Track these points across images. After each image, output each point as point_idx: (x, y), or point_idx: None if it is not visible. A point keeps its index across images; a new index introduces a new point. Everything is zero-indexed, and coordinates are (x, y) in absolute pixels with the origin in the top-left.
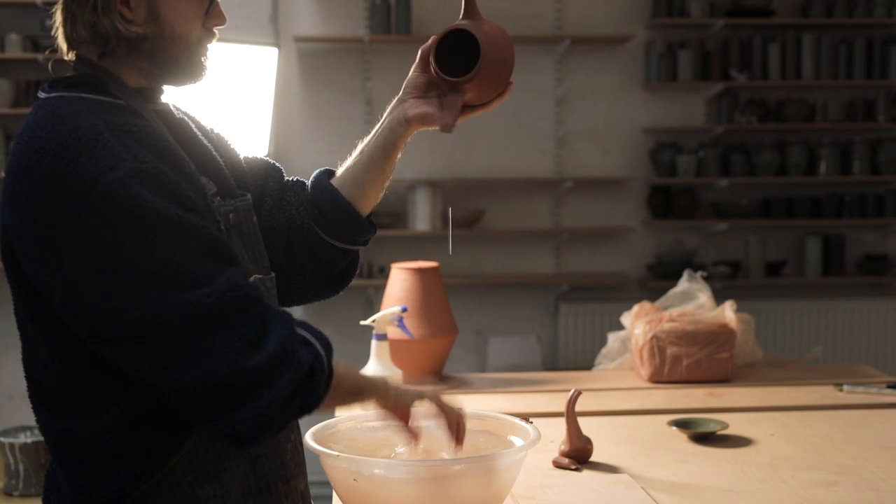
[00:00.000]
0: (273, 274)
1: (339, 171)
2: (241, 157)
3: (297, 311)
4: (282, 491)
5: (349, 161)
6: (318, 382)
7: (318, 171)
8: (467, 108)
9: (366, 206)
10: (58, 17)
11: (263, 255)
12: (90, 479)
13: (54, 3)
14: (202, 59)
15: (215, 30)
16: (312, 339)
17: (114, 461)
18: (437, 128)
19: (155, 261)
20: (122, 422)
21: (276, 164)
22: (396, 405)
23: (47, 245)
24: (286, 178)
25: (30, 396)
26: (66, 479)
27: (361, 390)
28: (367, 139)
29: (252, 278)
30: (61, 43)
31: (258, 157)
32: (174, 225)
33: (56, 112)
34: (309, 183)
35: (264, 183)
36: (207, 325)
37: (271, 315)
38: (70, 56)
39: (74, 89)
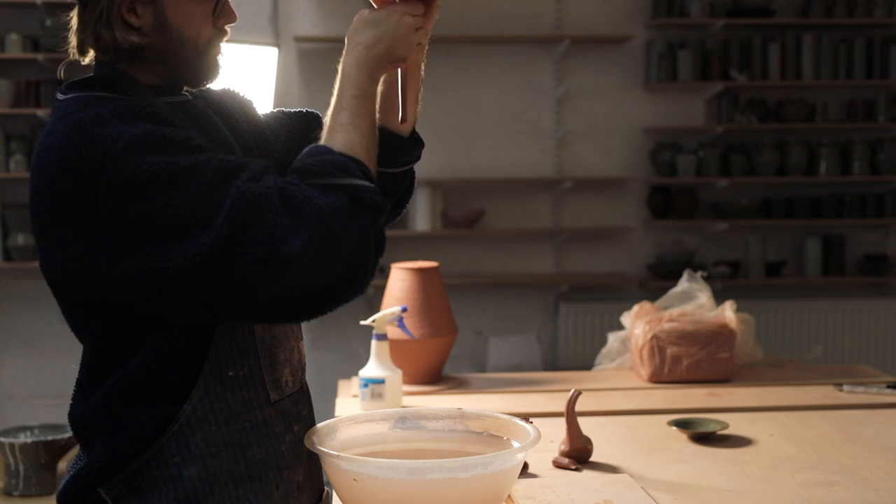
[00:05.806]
0: None
1: None
2: (279, 117)
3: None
4: (273, 481)
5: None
6: (357, 186)
7: None
8: None
9: (405, 126)
10: (73, 22)
11: None
12: (88, 457)
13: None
14: (215, 58)
15: (227, 27)
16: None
17: (103, 439)
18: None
19: (170, 214)
20: (111, 398)
21: (313, 111)
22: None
23: (76, 230)
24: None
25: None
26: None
27: (363, 94)
28: None
29: None
30: (73, 48)
31: (296, 111)
32: (179, 174)
33: (66, 110)
34: None
35: (305, 134)
36: (222, 261)
37: (288, 194)
38: (86, 60)
39: (88, 90)
